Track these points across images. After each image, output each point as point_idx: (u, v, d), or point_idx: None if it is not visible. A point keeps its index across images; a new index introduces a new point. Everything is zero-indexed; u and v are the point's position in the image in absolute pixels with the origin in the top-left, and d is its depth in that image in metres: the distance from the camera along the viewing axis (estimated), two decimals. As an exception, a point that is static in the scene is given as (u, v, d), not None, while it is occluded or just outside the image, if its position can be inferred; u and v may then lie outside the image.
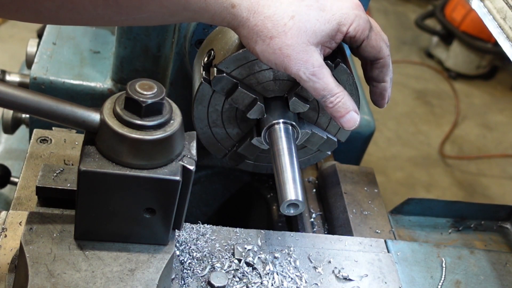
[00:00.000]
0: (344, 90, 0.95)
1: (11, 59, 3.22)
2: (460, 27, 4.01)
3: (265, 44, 0.88)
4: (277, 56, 0.88)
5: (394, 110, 3.76)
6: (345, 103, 0.94)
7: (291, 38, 0.87)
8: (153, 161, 0.78)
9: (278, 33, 0.87)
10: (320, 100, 0.94)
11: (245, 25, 0.88)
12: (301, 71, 0.89)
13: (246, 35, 0.89)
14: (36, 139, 1.12)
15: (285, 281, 0.96)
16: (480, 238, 1.25)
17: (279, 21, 0.87)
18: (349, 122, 0.96)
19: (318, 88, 0.91)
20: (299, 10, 0.88)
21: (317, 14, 0.89)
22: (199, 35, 1.10)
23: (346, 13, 0.91)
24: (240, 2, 0.87)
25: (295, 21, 0.87)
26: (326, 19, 0.89)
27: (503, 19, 1.06)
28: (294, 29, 0.87)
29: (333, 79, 0.93)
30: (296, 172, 0.94)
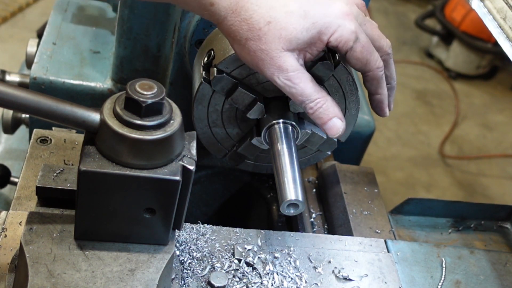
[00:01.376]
0: (326, 96, 0.92)
1: (11, 59, 3.22)
2: (460, 27, 4.01)
3: (241, 45, 0.88)
4: (252, 58, 0.88)
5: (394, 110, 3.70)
6: (327, 109, 0.92)
7: (265, 43, 0.87)
8: (153, 161, 0.78)
9: (253, 37, 0.87)
10: (300, 106, 0.93)
11: (223, 23, 0.88)
12: (275, 75, 0.89)
13: (225, 33, 0.90)
14: (36, 139, 1.12)
15: (285, 281, 0.96)
16: (480, 238, 1.25)
17: (255, 25, 0.86)
18: (332, 129, 0.94)
19: (295, 93, 0.90)
20: (277, 16, 0.87)
21: (296, 21, 0.87)
22: (199, 35, 1.10)
23: (329, 22, 0.88)
24: (219, 1, 0.86)
25: (270, 27, 0.86)
26: (305, 27, 0.87)
27: (503, 19, 1.06)
28: (268, 35, 0.86)
29: (313, 84, 0.91)
30: (296, 172, 0.94)
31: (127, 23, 1.21)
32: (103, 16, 1.56)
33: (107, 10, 1.59)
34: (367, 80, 0.97)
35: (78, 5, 1.58)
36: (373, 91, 0.99)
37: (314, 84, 0.91)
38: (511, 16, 1.04)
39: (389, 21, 4.77)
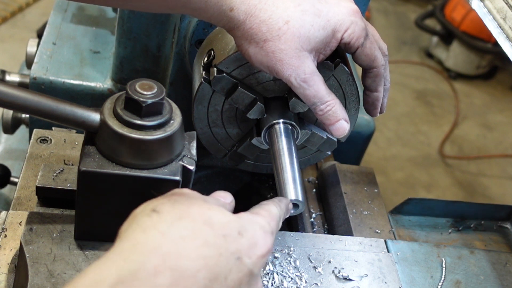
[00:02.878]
0: (335, 99, 0.95)
1: (11, 59, 3.22)
2: (460, 27, 4.01)
3: (258, 47, 0.88)
4: (270, 59, 0.88)
5: (394, 110, 3.76)
6: (336, 111, 0.94)
7: (284, 43, 0.87)
8: (153, 161, 0.78)
9: (272, 37, 0.87)
10: (310, 107, 0.95)
11: (240, 27, 0.88)
12: (292, 76, 0.89)
13: (240, 36, 0.90)
14: (36, 139, 1.12)
15: (285, 281, 0.96)
16: (480, 238, 1.25)
17: (274, 25, 0.87)
18: (338, 130, 0.96)
19: (309, 95, 0.92)
20: (294, 15, 0.87)
21: (312, 19, 0.88)
22: (199, 35, 1.10)
23: (342, 19, 0.89)
24: (239, 5, 0.87)
25: (290, 26, 0.87)
26: (321, 25, 0.88)
27: (503, 19, 1.06)
28: (288, 34, 0.87)
29: (325, 87, 0.93)
30: (296, 172, 0.94)
31: (127, 23, 1.21)
32: (103, 16, 1.56)
33: (107, 10, 1.59)
34: (371, 77, 0.98)
35: (78, 5, 1.58)
36: (373, 89, 1.00)
37: (326, 87, 0.93)
38: (511, 16, 1.04)
39: (389, 21, 4.77)
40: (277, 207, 0.84)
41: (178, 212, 0.68)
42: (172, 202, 0.69)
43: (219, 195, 0.81)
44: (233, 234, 0.69)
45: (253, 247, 0.70)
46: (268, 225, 0.77)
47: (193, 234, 0.66)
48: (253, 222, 0.74)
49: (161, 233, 0.64)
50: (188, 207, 0.69)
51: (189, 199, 0.71)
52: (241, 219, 0.72)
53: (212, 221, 0.68)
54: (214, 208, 0.71)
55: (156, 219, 0.66)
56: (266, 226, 0.76)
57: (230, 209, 0.80)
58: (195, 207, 0.69)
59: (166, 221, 0.66)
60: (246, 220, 0.73)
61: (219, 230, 0.68)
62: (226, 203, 0.80)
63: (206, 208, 0.70)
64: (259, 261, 0.71)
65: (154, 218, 0.66)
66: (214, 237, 0.67)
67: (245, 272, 0.68)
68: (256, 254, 0.70)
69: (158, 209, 0.68)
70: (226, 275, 0.66)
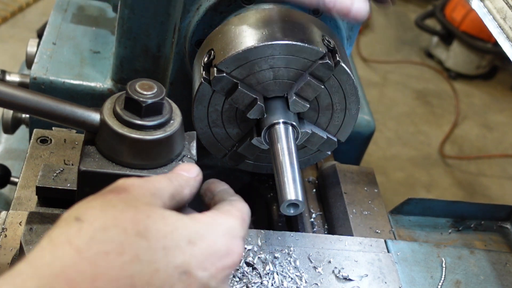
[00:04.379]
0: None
1: (11, 59, 3.22)
2: (460, 27, 4.01)
3: None
4: None
5: (394, 110, 3.76)
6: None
7: None
8: (153, 161, 0.78)
9: None
10: (319, 7, 0.87)
11: None
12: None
13: None
14: (36, 139, 1.12)
15: (285, 281, 0.96)
16: (480, 238, 1.25)
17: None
18: (359, 12, 0.89)
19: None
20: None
21: None
22: (199, 35, 1.10)
23: None
24: None
25: None
26: None
27: (503, 19, 1.06)
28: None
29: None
30: (296, 172, 0.94)
31: (127, 23, 1.21)
32: (103, 16, 1.56)
33: (107, 10, 1.59)
34: None
35: (78, 5, 1.58)
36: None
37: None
38: (511, 16, 1.04)
39: (389, 21, 4.77)
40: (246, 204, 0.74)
41: (105, 220, 0.57)
42: (103, 206, 0.59)
43: (182, 169, 0.72)
44: (180, 244, 0.59)
45: (211, 256, 0.61)
46: (240, 228, 0.67)
47: (120, 248, 0.56)
48: (215, 226, 0.64)
49: (76, 249, 0.54)
50: (121, 213, 0.59)
51: (127, 200, 0.61)
52: (197, 224, 0.62)
53: (149, 231, 0.58)
54: (155, 214, 0.60)
55: (75, 232, 0.56)
56: (235, 230, 0.66)
57: (196, 184, 0.72)
58: (130, 212, 0.59)
59: (87, 234, 0.56)
60: (204, 224, 0.63)
61: (157, 242, 0.58)
62: (190, 178, 0.71)
63: (144, 215, 0.59)
64: (221, 273, 0.61)
65: (73, 230, 0.56)
66: (148, 251, 0.57)
67: (195, 287, 0.59)
68: (216, 265, 0.61)
69: (82, 217, 0.58)
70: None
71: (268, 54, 0.97)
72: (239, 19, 1.04)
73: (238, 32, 1.01)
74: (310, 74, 0.99)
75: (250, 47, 0.97)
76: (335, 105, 1.06)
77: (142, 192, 0.64)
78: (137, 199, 0.62)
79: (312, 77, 0.99)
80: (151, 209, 0.61)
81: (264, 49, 0.97)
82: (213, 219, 0.65)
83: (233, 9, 1.06)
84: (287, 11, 1.05)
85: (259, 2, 1.06)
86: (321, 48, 0.98)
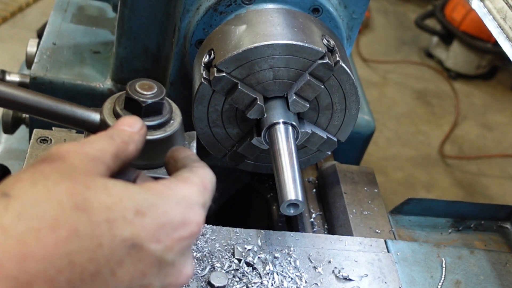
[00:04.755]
0: None
1: (11, 59, 3.22)
2: (460, 27, 4.01)
3: None
4: None
5: (394, 110, 3.76)
6: None
7: None
8: (153, 161, 0.78)
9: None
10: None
11: None
12: None
13: None
14: (36, 139, 1.12)
15: (285, 281, 0.96)
16: (480, 238, 1.25)
17: None
18: None
19: None
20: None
21: None
22: (199, 35, 1.10)
23: None
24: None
25: None
26: None
27: (503, 19, 1.06)
28: None
29: None
30: (296, 172, 0.94)
31: (127, 23, 1.21)
32: (103, 16, 1.56)
33: (107, 10, 1.59)
34: None
35: (78, 5, 1.58)
36: None
37: None
38: (511, 16, 1.04)
39: (389, 21, 4.77)
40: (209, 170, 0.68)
41: (36, 194, 0.51)
42: (34, 178, 0.53)
43: (123, 124, 0.66)
44: (127, 216, 0.53)
45: (165, 227, 0.55)
46: (198, 195, 0.61)
47: (55, 223, 0.49)
48: (168, 195, 0.58)
49: (2, 228, 0.48)
50: (55, 185, 0.52)
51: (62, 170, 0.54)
52: (147, 193, 0.56)
53: (89, 203, 0.52)
54: (96, 184, 0.54)
55: (1, 209, 0.50)
56: (192, 197, 0.60)
57: (141, 139, 0.66)
58: (66, 184, 0.52)
59: (14, 210, 0.50)
60: (155, 193, 0.57)
61: (99, 215, 0.51)
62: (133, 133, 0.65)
63: (83, 186, 0.53)
64: (178, 244, 0.56)
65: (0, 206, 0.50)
66: (88, 225, 0.50)
67: (149, 261, 0.54)
68: (171, 237, 0.55)
69: (9, 192, 0.51)
70: (113, 270, 0.51)
71: (268, 54, 0.97)
72: (239, 19, 1.04)
73: (238, 32, 1.01)
74: (310, 74, 0.99)
75: (250, 47, 0.97)
76: (335, 105, 1.06)
77: (79, 158, 0.56)
78: (74, 167, 0.55)
79: (312, 77, 0.99)
80: (91, 178, 0.55)
81: (264, 49, 0.97)
82: (167, 187, 0.59)
83: (233, 9, 1.06)
84: (287, 11, 1.05)
85: (259, 2, 1.06)
86: (321, 48, 0.98)
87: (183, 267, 0.58)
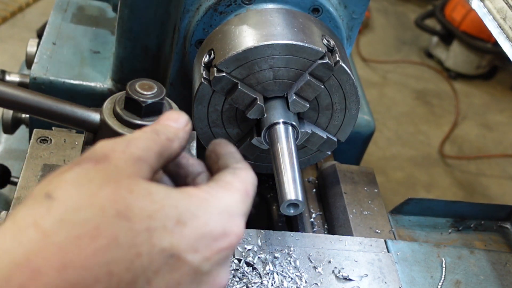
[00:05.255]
0: None
1: (11, 59, 3.22)
2: (460, 27, 4.01)
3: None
4: None
5: (394, 110, 3.76)
6: None
7: None
8: (153, 161, 0.78)
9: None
10: None
11: None
12: None
13: None
14: (36, 139, 1.12)
15: (285, 281, 0.96)
16: (480, 238, 1.25)
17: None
18: None
19: None
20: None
21: None
22: (199, 35, 1.10)
23: None
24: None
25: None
26: None
27: (503, 19, 1.06)
28: None
29: None
30: (296, 172, 0.94)
31: (127, 23, 1.21)
32: (103, 16, 1.56)
33: (107, 10, 1.59)
34: None
35: (78, 5, 1.58)
36: None
37: None
38: (511, 16, 1.04)
39: (389, 21, 4.77)
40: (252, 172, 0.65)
41: (79, 198, 0.50)
42: (78, 180, 0.51)
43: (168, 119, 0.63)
44: (167, 225, 0.51)
45: (204, 238, 0.53)
46: (240, 204, 0.59)
47: (96, 231, 0.48)
48: (210, 203, 0.56)
49: (43, 233, 0.47)
50: (99, 189, 0.51)
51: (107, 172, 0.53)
52: (189, 200, 0.54)
53: (131, 210, 0.50)
54: (139, 189, 0.52)
55: (43, 212, 0.49)
56: (234, 207, 0.58)
57: (186, 136, 0.63)
58: (110, 188, 0.51)
59: (56, 215, 0.48)
60: (197, 201, 0.55)
61: (140, 223, 0.50)
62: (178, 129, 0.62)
63: (126, 190, 0.52)
64: (216, 256, 0.55)
65: (41, 209, 0.49)
66: (129, 233, 0.49)
67: (185, 271, 0.52)
68: (210, 248, 0.54)
69: (53, 194, 0.50)
70: (149, 279, 0.50)
71: (268, 54, 0.97)
72: (239, 19, 1.04)
73: (238, 32, 1.01)
74: (310, 74, 0.99)
75: (250, 47, 0.97)
76: (335, 105, 1.06)
77: (124, 159, 0.55)
78: (118, 169, 0.54)
79: (312, 77, 1.00)
80: (135, 182, 0.53)
81: (264, 49, 0.97)
82: (209, 194, 0.57)
83: (233, 9, 1.06)
84: (287, 11, 1.05)
85: (259, 2, 1.06)
86: (321, 48, 0.98)
87: (218, 277, 0.56)
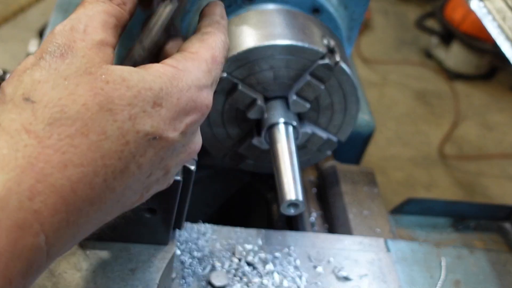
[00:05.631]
0: None
1: (11, 59, 3.22)
2: (460, 28, 4.01)
3: None
4: None
5: (394, 110, 3.76)
6: None
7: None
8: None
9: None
10: None
11: None
12: None
13: None
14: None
15: (285, 280, 0.97)
16: (480, 238, 1.25)
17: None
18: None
19: None
20: None
21: None
22: (199, 36, 1.11)
23: None
24: None
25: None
26: None
27: (502, 19, 1.06)
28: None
29: None
30: (296, 172, 0.94)
31: (128, 24, 1.21)
32: (103, 16, 1.56)
33: (107, 10, 1.59)
34: None
35: (79, 5, 1.58)
36: None
37: None
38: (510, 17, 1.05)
39: (389, 21, 4.77)
40: (223, 35, 0.66)
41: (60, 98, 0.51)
42: (53, 80, 0.52)
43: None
44: (146, 109, 0.55)
45: (179, 115, 0.57)
46: (208, 74, 0.62)
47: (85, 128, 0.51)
48: (179, 79, 0.58)
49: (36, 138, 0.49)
50: (76, 86, 0.52)
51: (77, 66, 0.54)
52: (159, 80, 0.57)
53: (111, 101, 0.53)
54: (114, 77, 0.55)
55: (30, 116, 0.50)
56: (202, 79, 0.61)
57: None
58: (86, 82, 0.53)
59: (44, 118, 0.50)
60: (167, 80, 0.57)
61: (122, 113, 0.53)
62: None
63: (102, 81, 0.54)
64: (190, 128, 0.59)
65: (27, 113, 0.50)
66: (115, 124, 0.52)
67: (167, 147, 0.57)
68: (185, 122, 0.58)
69: (32, 97, 0.51)
70: (138, 162, 0.54)
71: (268, 54, 0.98)
72: (239, 19, 1.04)
73: (239, 32, 1.01)
74: (310, 74, 1.00)
75: (250, 47, 0.97)
76: (335, 105, 1.06)
77: (88, 47, 0.57)
78: (87, 60, 0.55)
79: (313, 77, 1.00)
80: (107, 71, 0.55)
81: (265, 50, 0.97)
82: (176, 70, 0.59)
83: (233, 9, 1.06)
84: (287, 12, 1.05)
85: (260, 2, 1.06)
86: (321, 48, 0.98)
87: (193, 144, 0.62)
